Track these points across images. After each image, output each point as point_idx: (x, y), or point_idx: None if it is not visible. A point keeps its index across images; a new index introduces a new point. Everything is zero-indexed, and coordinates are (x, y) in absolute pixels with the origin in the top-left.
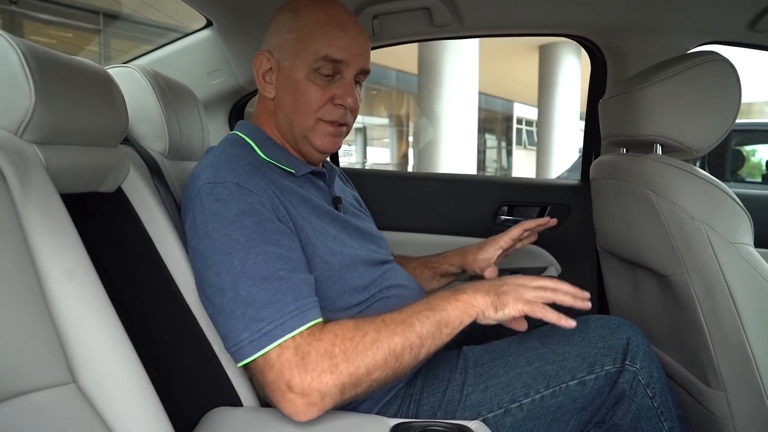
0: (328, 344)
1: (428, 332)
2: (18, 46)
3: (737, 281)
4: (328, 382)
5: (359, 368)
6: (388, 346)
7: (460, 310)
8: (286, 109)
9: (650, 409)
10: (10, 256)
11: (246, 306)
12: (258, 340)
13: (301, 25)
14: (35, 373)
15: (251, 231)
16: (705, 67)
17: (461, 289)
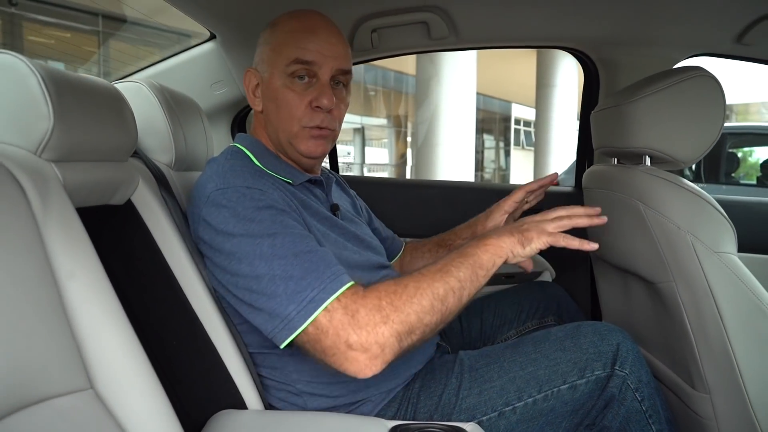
0: (374, 299)
1: (465, 276)
2: (37, 70)
3: (721, 288)
4: (384, 332)
5: (409, 315)
6: (431, 292)
7: (490, 252)
8: (272, 119)
9: (639, 413)
10: (32, 268)
11: (285, 282)
12: (305, 308)
13: (276, 36)
14: (57, 380)
15: (270, 221)
16: (691, 83)
17: (486, 235)
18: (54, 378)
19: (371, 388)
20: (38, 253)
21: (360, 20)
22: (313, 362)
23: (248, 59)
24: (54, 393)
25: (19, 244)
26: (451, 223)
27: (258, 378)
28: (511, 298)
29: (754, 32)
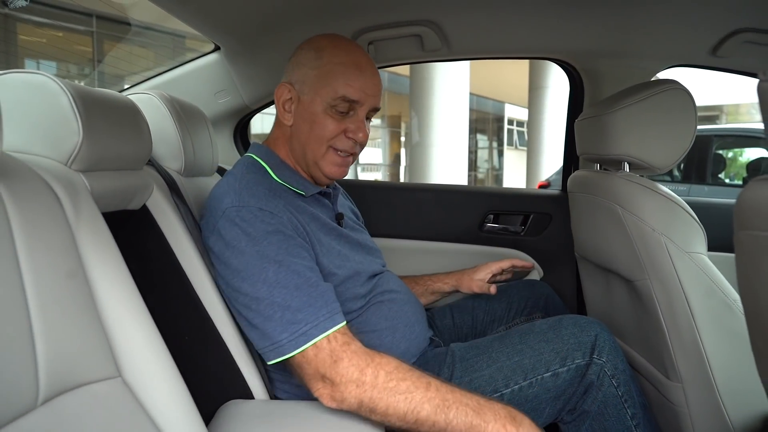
0: (363, 358)
1: (457, 425)
2: (67, 90)
3: (691, 286)
4: (352, 392)
5: (381, 400)
6: (415, 407)
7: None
8: (301, 137)
9: (615, 397)
10: (68, 267)
11: (283, 311)
12: (296, 339)
13: (323, 63)
14: (91, 368)
15: (278, 247)
16: (666, 95)
17: (516, 419)
18: (89, 366)
19: None
20: (73, 253)
21: (358, 33)
22: None
23: (251, 69)
24: (89, 379)
25: (56, 246)
26: (442, 225)
27: (264, 371)
28: (501, 296)
29: (728, 45)
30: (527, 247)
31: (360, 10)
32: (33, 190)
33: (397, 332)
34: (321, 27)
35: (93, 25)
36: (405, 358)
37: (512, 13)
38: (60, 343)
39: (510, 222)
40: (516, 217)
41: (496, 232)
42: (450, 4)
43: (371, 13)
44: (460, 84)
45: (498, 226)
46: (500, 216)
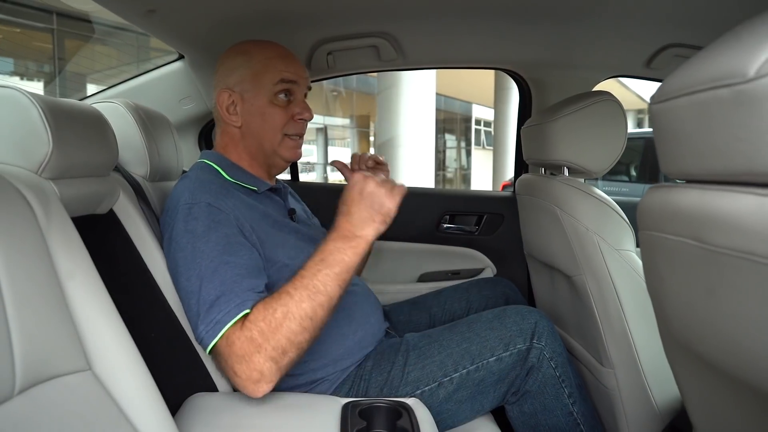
0: (246, 331)
1: (333, 286)
2: (37, 102)
3: (621, 280)
4: (259, 360)
5: (280, 340)
6: (299, 314)
7: (356, 251)
8: (255, 131)
9: (553, 378)
10: (40, 269)
11: (205, 305)
12: (209, 333)
13: (255, 61)
14: (63, 361)
15: (215, 244)
16: (599, 106)
17: (349, 231)
18: (61, 360)
19: (328, 367)
20: (44, 256)
21: (317, 44)
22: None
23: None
24: (62, 372)
25: (29, 250)
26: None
27: None
28: (460, 295)
29: (660, 59)
30: (481, 246)
31: (319, 22)
32: (6, 199)
33: (353, 321)
34: (281, 37)
35: (54, 23)
36: (361, 346)
37: (463, 27)
38: (34, 338)
39: (465, 222)
40: (471, 217)
41: (452, 232)
42: (405, 17)
43: (330, 25)
44: (427, 85)
45: (454, 226)
46: (456, 216)
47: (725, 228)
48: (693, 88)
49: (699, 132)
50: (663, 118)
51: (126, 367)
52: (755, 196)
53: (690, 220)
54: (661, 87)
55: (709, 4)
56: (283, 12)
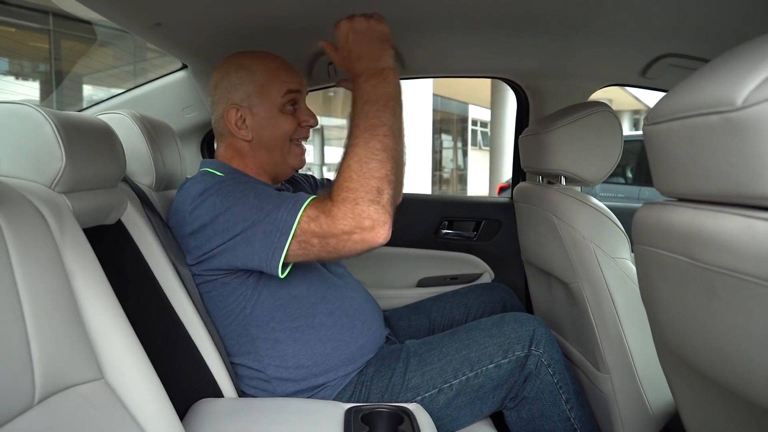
0: (336, 196)
1: (387, 117)
2: (50, 118)
3: (616, 288)
4: (362, 208)
5: (369, 182)
6: (372, 154)
7: (390, 81)
8: (267, 142)
9: (551, 384)
10: (56, 282)
11: (276, 209)
12: (294, 207)
13: (259, 75)
14: (78, 371)
15: (250, 189)
16: (595, 117)
17: (372, 69)
18: (76, 369)
19: (330, 373)
20: (59, 269)
21: (318, 54)
22: (281, 348)
23: None
24: (77, 381)
25: (45, 263)
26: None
27: (232, 370)
28: (459, 300)
29: (655, 68)
30: (479, 251)
31: (320, 33)
32: (24, 214)
33: (355, 328)
34: (284, 48)
35: (50, 24)
36: (363, 353)
37: (462, 38)
38: (52, 350)
39: (463, 228)
40: (469, 223)
41: (450, 238)
42: (405, 29)
43: (330, 36)
44: (424, 85)
45: (452, 232)
46: (454, 222)
47: (715, 247)
48: (685, 113)
49: (691, 155)
50: (656, 140)
51: (137, 375)
52: (743, 218)
53: (682, 237)
54: (654, 108)
55: (703, 15)
56: (285, 24)
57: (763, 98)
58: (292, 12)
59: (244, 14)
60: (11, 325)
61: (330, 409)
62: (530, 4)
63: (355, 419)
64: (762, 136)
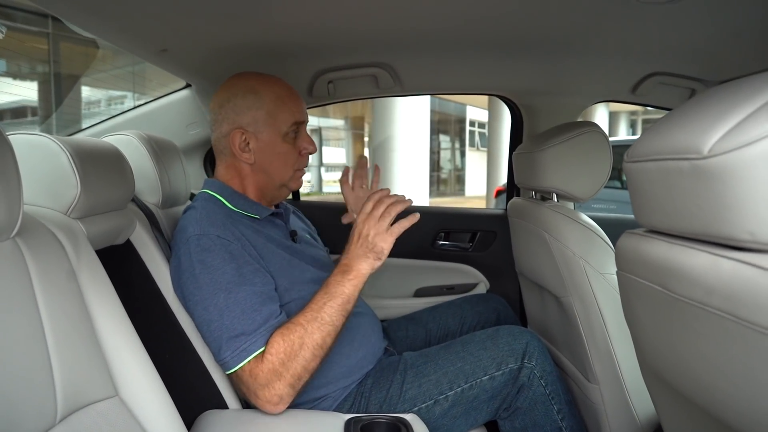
0: (268, 364)
1: (337, 316)
2: (65, 148)
3: (605, 302)
4: (279, 387)
5: (297, 369)
6: (312, 345)
7: (354, 284)
8: (268, 168)
9: (543, 395)
10: (73, 305)
11: (229, 334)
12: (235, 358)
13: (266, 102)
14: (95, 389)
15: (231, 275)
16: (585, 137)
17: (347, 267)
18: (93, 388)
19: (330, 385)
20: (76, 292)
21: (318, 73)
22: None
23: None
24: (94, 399)
25: (63, 287)
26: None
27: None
28: (455, 310)
29: (645, 86)
30: (475, 262)
31: (320, 53)
32: (43, 242)
33: (355, 341)
34: (284, 67)
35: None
36: (362, 365)
37: (458, 57)
38: (71, 370)
39: (459, 239)
40: (464, 234)
41: (446, 249)
42: (402, 49)
43: (331, 56)
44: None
45: (449, 243)
46: (450, 234)
47: (685, 280)
48: (659, 156)
49: (664, 194)
50: (635, 177)
51: (148, 391)
52: (710, 255)
53: (657, 269)
54: (633, 147)
55: (690, 36)
56: (287, 44)
57: (726, 150)
58: (292, 34)
59: (245, 37)
60: (35, 348)
61: (330, 420)
62: (524, 27)
63: (355, 429)
64: (724, 184)
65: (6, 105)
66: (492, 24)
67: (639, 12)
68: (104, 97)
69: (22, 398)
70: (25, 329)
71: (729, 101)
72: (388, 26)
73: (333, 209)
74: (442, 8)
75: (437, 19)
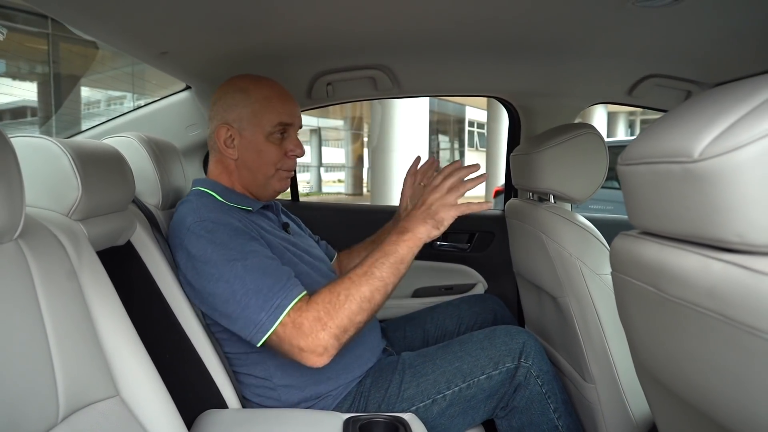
0: (314, 312)
1: (387, 273)
2: (67, 150)
3: (601, 302)
4: (324, 337)
5: (343, 319)
6: (359, 296)
7: (408, 246)
8: (251, 165)
9: (540, 395)
10: (75, 306)
11: (257, 295)
12: (272, 314)
13: (254, 100)
14: (96, 389)
15: (240, 247)
16: (582, 138)
17: (403, 229)
18: (94, 387)
19: (331, 381)
20: (77, 293)
21: (317, 75)
22: (286, 359)
23: None
24: (95, 399)
25: (65, 288)
26: None
27: (236, 382)
28: (452, 311)
29: (641, 88)
30: (473, 262)
31: (319, 55)
32: (45, 243)
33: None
34: (283, 69)
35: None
36: (360, 362)
37: (455, 59)
38: (73, 370)
39: (458, 240)
40: (463, 235)
41: (445, 249)
42: (400, 51)
43: (329, 58)
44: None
45: (447, 244)
46: (449, 234)
47: (676, 281)
48: (651, 159)
49: (655, 196)
50: (628, 179)
51: (149, 391)
52: (701, 257)
53: (649, 270)
54: (627, 150)
55: (685, 39)
56: (285, 46)
57: (716, 153)
58: (291, 37)
59: (244, 40)
60: (37, 348)
61: (330, 419)
62: (520, 30)
63: (354, 428)
64: (714, 187)
65: (5, 105)
66: (489, 26)
67: (635, 15)
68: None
69: (24, 398)
70: (28, 330)
71: (720, 105)
72: (387, 29)
73: (332, 210)
74: (440, 11)
75: (435, 21)
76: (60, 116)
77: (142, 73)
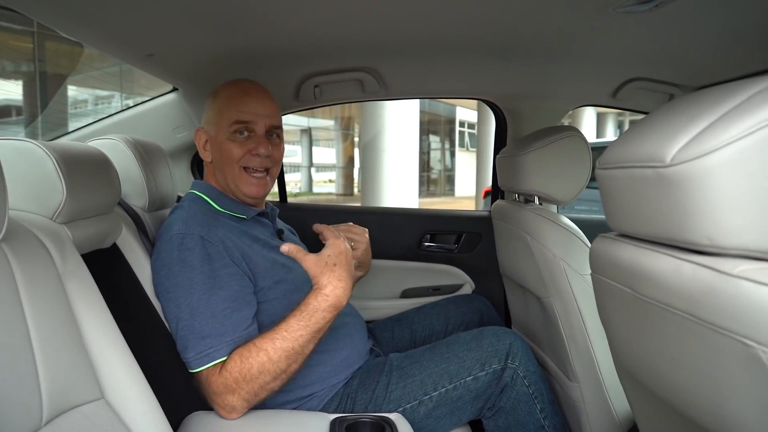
0: (222, 378)
1: (306, 341)
2: (51, 154)
3: (584, 303)
4: (232, 399)
5: (253, 387)
6: (274, 370)
7: (331, 312)
8: (220, 165)
9: (526, 395)
10: (59, 309)
11: (196, 336)
12: (200, 359)
13: (218, 101)
14: (81, 392)
15: (207, 277)
16: (566, 141)
17: (324, 295)
18: (79, 391)
19: (317, 384)
20: (61, 296)
21: (304, 78)
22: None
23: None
24: (80, 402)
25: (50, 291)
26: (385, 244)
27: None
28: (439, 311)
29: (625, 90)
30: (460, 263)
31: (306, 58)
32: (29, 247)
33: (339, 341)
34: (270, 72)
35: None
36: (347, 364)
37: (442, 62)
38: (57, 373)
39: (445, 241)
40: (450, 236)
41: (432, 250)
42: (388, 54)
43: (317, 60)
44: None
45: (434, 245)
46: (436, 235)
47: (650, 282)
48: (626, 164)
49: (631, 200)
50: (605, 183)
51: (134, 393)
52: (673, 259)
53: (625, 271)
54: (604, 155)
55: (667, 43)
56: (272, 49)
57: (687, 158)
58: (278, 39)
59: (231, 42)
60: (21, 352)
61: (316, 419)
62: (506, 33)
63: (340, 429)
64: (685, 191)
65: None
66: (474, 30)
67: (616, 20)
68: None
69: (7, 401)
70: (11, 333)
71: (691, 112)
72: (373, 32)
73: (321, 212)
74: (427, 14)
75: (422, 24)
76: (46, 116)
77: (130, 73)
